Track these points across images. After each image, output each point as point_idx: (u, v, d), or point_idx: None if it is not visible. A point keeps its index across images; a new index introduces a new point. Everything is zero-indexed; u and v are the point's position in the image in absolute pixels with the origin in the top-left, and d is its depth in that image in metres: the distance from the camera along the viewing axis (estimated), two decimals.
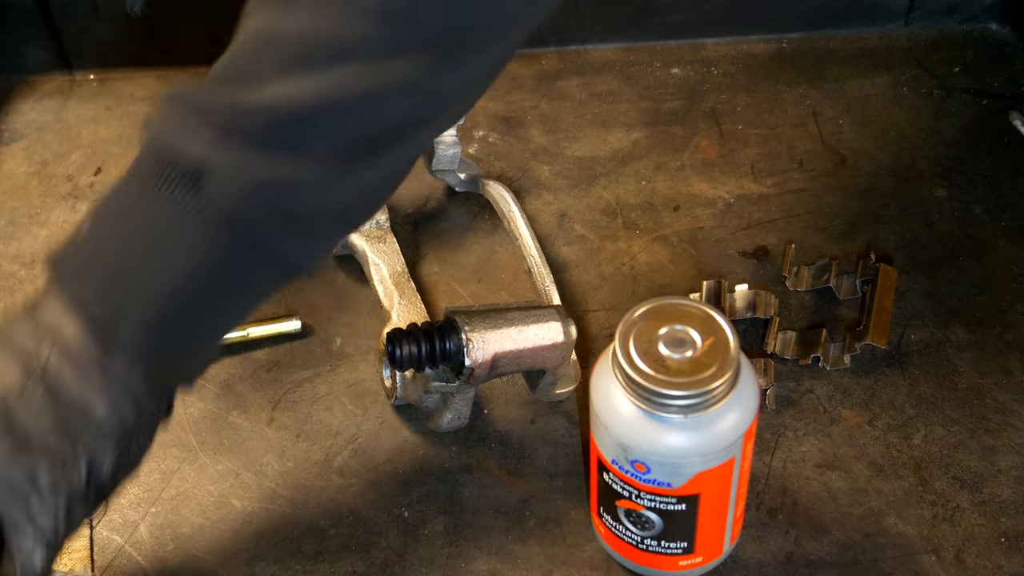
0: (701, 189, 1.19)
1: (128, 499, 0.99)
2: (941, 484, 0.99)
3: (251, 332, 1.07)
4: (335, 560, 0.96)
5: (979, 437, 1.01)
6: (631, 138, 1.23)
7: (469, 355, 0.93)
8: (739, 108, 1.25)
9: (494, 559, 0.95)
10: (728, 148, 1.22)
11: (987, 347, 1.07)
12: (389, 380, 1.02)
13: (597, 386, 0.87)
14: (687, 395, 0.83)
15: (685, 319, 0.86)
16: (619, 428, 0.85)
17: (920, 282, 1.11)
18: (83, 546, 0.95)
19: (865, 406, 1.03)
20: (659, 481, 0.86)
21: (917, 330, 1.08)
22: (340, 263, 1.13)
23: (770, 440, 1.01)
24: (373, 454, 1.01)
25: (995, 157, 1.21)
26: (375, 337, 1.07)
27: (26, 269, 1.13)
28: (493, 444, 1.02)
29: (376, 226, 1.10)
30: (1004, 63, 1.29)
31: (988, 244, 1.14)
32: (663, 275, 1.12)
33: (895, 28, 1.32)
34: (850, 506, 0.97)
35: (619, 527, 0.91)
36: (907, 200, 1.18)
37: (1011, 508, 0.97)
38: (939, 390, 1.04)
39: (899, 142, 1.22)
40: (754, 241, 1.15)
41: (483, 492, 0.99)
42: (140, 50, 1.29)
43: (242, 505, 0.99)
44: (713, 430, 0.85)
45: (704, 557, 0.92)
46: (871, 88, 1.27)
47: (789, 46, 1.31)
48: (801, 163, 1.21)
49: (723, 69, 1.29)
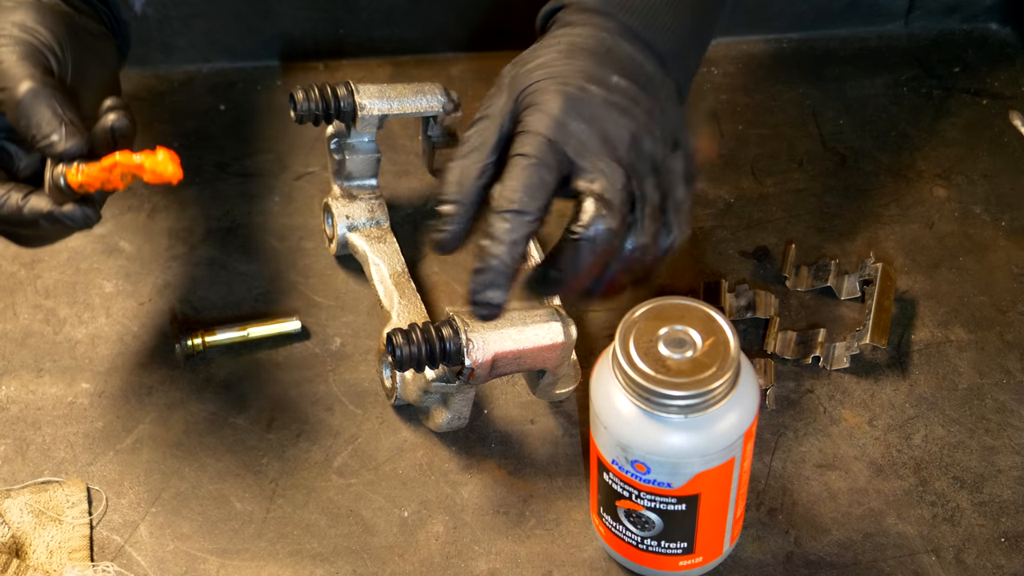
0: (701, 189, 1.18)
1: (128, 499, 0.99)
2: (941, 484, 0.99)
3: (251, 332, 1.07)
4: (335, 560, 0.96)
5: (979, 437, 1.01)
6: None
7: (469, 355, 0.93)
8: (739, 108, 1.25)
9: (494, 559, 0.95)
10: (728, 148, 1.22)
11: (987, 347, 1.07)
12: (389, 380, 1.02)
13: (597, 386, 0.87)
14: (687, 395, 0.83)
15: (685, 319, 0.86)
16: (619, 428, 0.85)
17: (920, 282, 1.11)
18: (83, 546, 0.95)
19: (865, 406, 1.03)
20: (659, 481, 0.86)
21: (917, 330, 1.08)
22: (340, 263, 1.13)
23: (770, 440, 1.01)
24: (373, 454, 1.01)
25: (995, 157, 1.21)
26: (375, 337, 1.07)
27: (26, 269, 1.13)
28: (493, 444, 1.02)
29: (376, 226, 1.10)
30: (1004, 63, 1.29)
31: (988, 244, 1.14)
32: (663, 275, 1.12)
33: (895, 28, 1.32)
34: (850, 506, 0.97)
35: (619, 527, 0.91)
36: (907, 200, 1.18)
37: (1011, 508, 0.97)
38: (939, 390, 1.04)
39: (899, 142, 1.22)
40: (754, 241, 1.15)
41: (483, 492, 0.99)
42: (140, 50, 1.29)
43: (242, 505, 0.99)
44: (713, 430, 0.85)
45: (704, 557, 0.92)
46: (871, 88, 1.27)
47: (789, 46, 1.31)
48: (801, 163, 1.21)
49: (723, 69, 1.29)
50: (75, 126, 0.87)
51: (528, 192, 0.84)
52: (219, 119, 1.25)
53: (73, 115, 0.87)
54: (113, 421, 1.03)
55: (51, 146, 0.87)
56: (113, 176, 0.86)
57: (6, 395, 1.05)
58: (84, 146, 0.87)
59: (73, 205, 0.88)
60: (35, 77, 0.88)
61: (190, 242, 1.15)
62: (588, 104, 0.87)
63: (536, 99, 0.88)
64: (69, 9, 0.95)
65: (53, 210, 0.88)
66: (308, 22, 1.29)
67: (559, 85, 0.87)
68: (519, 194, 0.84)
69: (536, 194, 0.85)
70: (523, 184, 0.85)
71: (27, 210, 0.89)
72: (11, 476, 1.00)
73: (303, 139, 1.23)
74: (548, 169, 0.85)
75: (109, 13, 1.00)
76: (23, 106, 0.87)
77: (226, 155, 1.22)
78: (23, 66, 0.88)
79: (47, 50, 0.91)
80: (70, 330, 1.09)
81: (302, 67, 1.30)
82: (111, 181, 0.86)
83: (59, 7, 0.95)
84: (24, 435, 1.03)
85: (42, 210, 0.88)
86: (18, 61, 0.89)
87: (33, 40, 0.91)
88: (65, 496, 0.98)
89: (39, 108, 0.87)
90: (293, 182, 1.20)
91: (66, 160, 0.87)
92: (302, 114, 1.05)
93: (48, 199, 0.88)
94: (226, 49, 1.29)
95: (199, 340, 1.06)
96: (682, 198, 0.89)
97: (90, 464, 1.01)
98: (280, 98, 1.25)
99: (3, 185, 0.89)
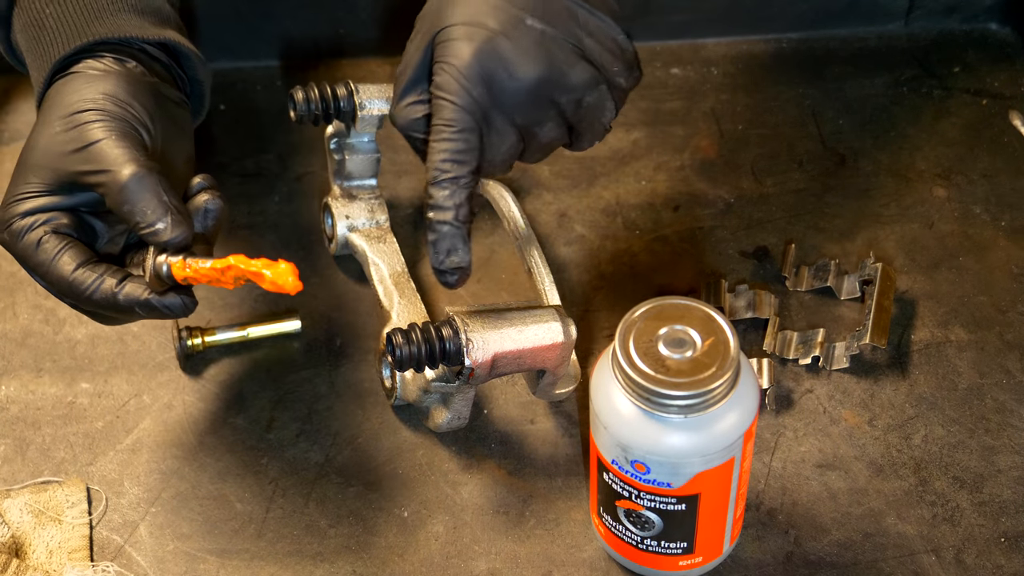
0: (701, 189, 1.19)
1: (128, 499, 0.99)
2: (941, 484, 0.99)
3: (251, 332, 1.07)
4: (335, 560, 0.96)
5: (979, 437, 1.01)
6: (631, 138, 1.23)
7: (469, 355, 0.93)
8: (739, 108, 1.25)
9: (494, 559, 0.96)
10: (728, 148, 1.22)
11: (987, 347, 1.07)
12: (389, 380, 1.02)
13: (597, 386, 0.87)
14: (687, 395, 0.83)
15: (685, 319, 0.86)
16: (619, 428, 0.85)
17: (920, 282, 1.11)
18: (83, 546, 0.95)
19: (865, 406, 1.03)
20: (659, 481, 0.86)
21: (917, 330, 1.08)
22: (340, 263, 1.13)
23: (770, 440, 1.01)
24: (373, 454, 1.01)
25: (995, 157, 1.21)
26: (375, 337, 1.07)
27: None
28: (493, 444, 1.02)
29: (376, 226, 1.10)
30: (1004, 63, 1.29)
31: (988, 244, 1.14)
32: (663, 275, 1.12)
33: (895, 28, 1.32)
34: (850, 506, 0.97)
35: (619, 527, 0.91)
36: (907, 200, 1.18)
37: (1011, 508, 0.97)
38: (939, 390, 1.04)
39: (899, 142, 1.22)
40: (754, 241, 1.15)
41: (483, 492, 0.99)
42: None
43: (242, 505, 0.99)
44: (713, 430, 0.85)
45: (704, 557, 0.92)
46: (871, 88, 1.27)
47: (789, 46, 1.31)
48: (801, 163, 1.21)
49: (723, 69, 1.29)
50: (181, 215, 0.84)
51: (456, 158, 0.89)
52: (219, 119, 1.25)
53: (178, 202, 0.85)
54: (113, 421, 1.03)
55: (156, 234, 0.84)
56: (225, 278, 0.84)
57: (6, 395, 1.05)
58: (190, 236, 0.85)
59: (173, 294, 0.86)
60: (138, 161, 0.85)
61: None
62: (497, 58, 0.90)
63: (448, 51, 0.90)
64: (154, 79, 0.92)
65: (151, 299, 0.85)
66: (308, 22, 1.29)
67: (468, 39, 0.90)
68: (449, 163, 0.89)
69: (464, 157, 0.90)
70: (450, 152, 0.89)
71: (122, 296, 0.86)
72: (11, 476, 1.00)
73: (303, 139, 1.23)
74: (469, 131, 0.90)
75: (184, 76, 0.98)
76: (128, 191, 0.84)
77: (226, 155, 1.22)
78: (123, 147, 0.85)
79: (141, 127, 0.88)
80: (70, 330, 1.09)
81: (302, 67, 1.30)
82: (221, 281, 0.84)
83: (145, 77, 0.91)
84: (24, 435, 1.03)
85: (139, 297, 0.86)
86: (117, 141, 0.85)
87: (128, 115, 0.88)
88: (65, 496, 0.98)
89: (145, 195, 0.84)
90: (293, 182, 1.20)
91: (171, 250, 0.84)
92: (302, 114, 1.05)
93: (144, 286, 0.86)
94: (226, 49, 1.29)
95: (199, 340, 1.06)
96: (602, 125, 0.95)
97: (90, 464, 1.01)
98: (280, 98, 1.25)
99: (97, 267, 0.86)
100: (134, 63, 0.92)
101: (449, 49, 0.90)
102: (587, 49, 0.92)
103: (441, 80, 0.90)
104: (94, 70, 0.90)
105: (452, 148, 0.89)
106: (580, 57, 0.91)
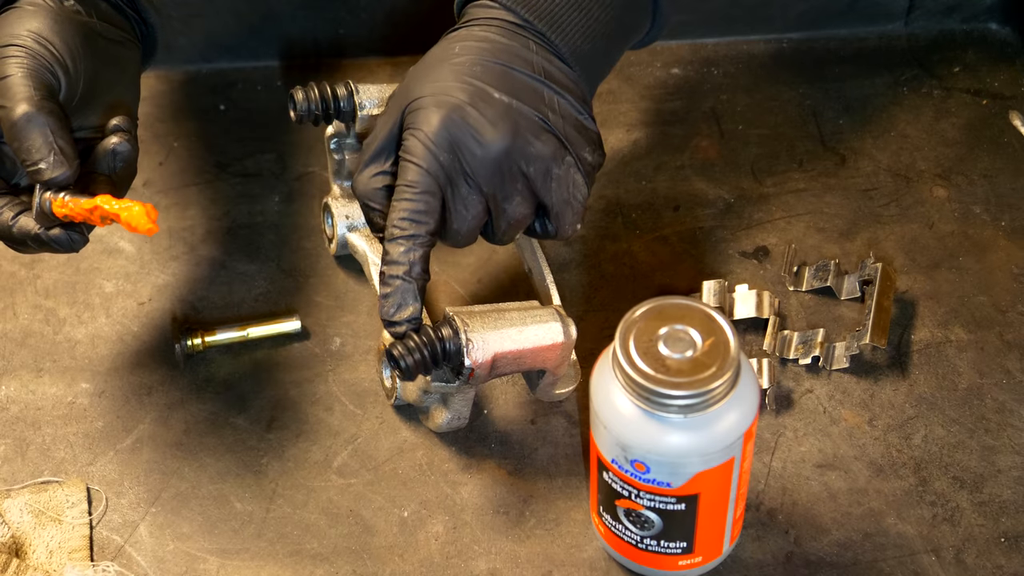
0: (701, 189, 1.19)
1: (128, 499, 0.99)
2: (941, 484, 0.99)
3: (251, 332, 1.07)
4: (335, 560, 0.96)
5: (979, 437, 1.01)
6: (631, 138, 1.23)
7: (469, 355, 0.93)
8: (739, 108, 1.25)
9: (494, 559, 0.96)
10: (728, 148, 1.22)
11: (987, 347, 1.07)
12: (389, 380, 1.02)
13: (597, 386, 0.87)
14: (687, 395, 0.83)
15: (685, 319, 0.86)
16: (619, 428, 0.85)
17: (920, 282, 1.11)
18: (83, 546, 0.95)
19: (865, 406, 1.03)
20: (659, 481, 0.86)
21: (917, 330, 1.08)
22: (340, 263, 1.13)
23: (770, 440, 1.01)
24: (373, 454, 1.01)
25: (995, 157, 1.21)
26: (375, 337, 1.07)
27: (26, 269, 1.13)
28: (493, 444, 1.02)
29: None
30: (1004, 63, 1.29)
31: (988, 244, 1.14)
32: (663, 275, 1.12)
33: (895, 28, 1.32)
34: (850, 506, 0.97)
35: (619, 527, 0.91)
36: (907, 200, 1.18)
37: (1011, 508, 0.97)
38: (939, 390, 1.04)
39: (899, 142, 1.22)
40: (754, 241, 1.15)
41: (483, 492, 0.99)
42: None
43: (242, 505, 0.99)
44: (713, 430, 0.85)
45: (704, 557, 0.92)
46: (871, 88, 1.27)
47: (789, 46, 1.31)
48: (801, 163, 1.21)
49: (723, 69, 1.29)
50: (65, 155, 0.88)
51: (415, 217, 0.91)
52: (219, 119, 1.25)
53: (65, 143, 0.88)
54: (113, 421, 1.03)
55: (38, 173, 0.88)
56: (93, 216, 0.88)
57: (6, 395, 1.05)
58: (72, 176, 0.88)
59: (60, 229, 0.90)
60: (32, 100, 0.88)
61: (190, 242, 1.15)
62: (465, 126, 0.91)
63: (417, 119, 0.92)
64: (88, 18, 0.95)
65: (41, 233, 0.90)
66: (308, 22, 1.29)
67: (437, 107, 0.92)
68: (407, 222, 0.91)
69: (423, 218, 0.92)
70: (409, 212, 0.91)
71: (16, 229, 0.91)
72: (11, 476, 1.00)
73: (303, 139, 1.23)
74: (431, 194, 0.91)
75: (136, 17, 1.00)
76: (16, 128, 0.88)
77: (226, 155, 1.22)
78: (25, 84, 0.89)
79: (57, 64, 0.91)
80: (70, 330, 1.09)
81: (302, 67, 1.30)
82: (91, 220, 0.89)
83: (78, 16, 0.94)
84: (24, 435, 1.03)
85: (30, 231, 0.90)
86: (22, 78, 0.89)
87: (44, 52, 0.91)
88: (65, 496, 0.98)
89: (31, 133, 0.88)
90: (293, 182, 1.20)
91: (53, 188, 0.88)
92: (302, 114, 1.05)
93: (36, 221, 0.90)
94: (226, 49, 1.29)
95: (199, 340, 1.06)
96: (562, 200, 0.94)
97: (90, 464, 1.01)
98: (280, 98, 1.25)
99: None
100: (72, 1, 0.95)
101: (418, 117, 0.92)
102: (552, 124, 0.93)
103: (409, 144, 0.92)
104: (31, 5, 0.93)
105: (412, 208, 0.91)
106: (545, 129, 0.93)
